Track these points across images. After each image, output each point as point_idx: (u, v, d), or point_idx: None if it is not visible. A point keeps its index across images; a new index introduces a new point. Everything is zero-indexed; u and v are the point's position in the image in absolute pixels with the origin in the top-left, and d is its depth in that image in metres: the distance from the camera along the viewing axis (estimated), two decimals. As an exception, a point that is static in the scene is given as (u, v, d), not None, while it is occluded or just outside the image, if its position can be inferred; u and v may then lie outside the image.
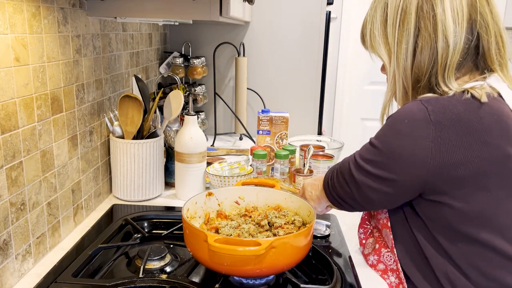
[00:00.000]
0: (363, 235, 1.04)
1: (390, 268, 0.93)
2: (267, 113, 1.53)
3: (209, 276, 0.92)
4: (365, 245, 1.03)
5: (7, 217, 0.83)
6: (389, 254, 0.94)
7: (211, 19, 1.03)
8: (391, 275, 0.92)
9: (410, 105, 0.82)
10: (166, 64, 1.86)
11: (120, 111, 1.24)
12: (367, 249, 1.01)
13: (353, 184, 0.88)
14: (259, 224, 0.97)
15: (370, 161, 0.85)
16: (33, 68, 0.89)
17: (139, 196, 1.27)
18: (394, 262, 0.92)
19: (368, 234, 1.04)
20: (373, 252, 0.98)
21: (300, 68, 1.98)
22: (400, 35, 0.88)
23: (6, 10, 0.80)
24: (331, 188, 0.95)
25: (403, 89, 0.91)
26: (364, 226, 1.05)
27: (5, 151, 0.82)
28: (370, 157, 0.86)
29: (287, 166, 1.40)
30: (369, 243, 1.02)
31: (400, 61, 0.89)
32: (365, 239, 1.04)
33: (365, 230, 1.05)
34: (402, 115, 0.82)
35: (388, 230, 0.92)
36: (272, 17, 1.94)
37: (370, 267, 0.98)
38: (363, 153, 0.88)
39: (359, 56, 2.84)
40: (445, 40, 0.84)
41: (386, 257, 0.94)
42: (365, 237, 1.04)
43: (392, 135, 0.83)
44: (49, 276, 0.89)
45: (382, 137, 0.85)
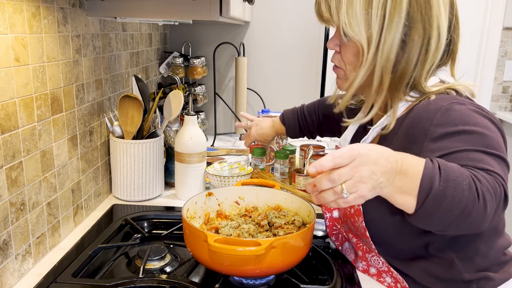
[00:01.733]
0: (337, 242, 1.02)
1: (382, 270, 0.92)
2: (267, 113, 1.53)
3: (209, 276, 0.92)
4: (343, 251, 1.01)
5: (7, 217, 0.83)
6: (376, 258, 0.92)
7: (211, 19, 1.03)
8: (386, 277, 0.91)
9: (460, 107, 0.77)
10: (166, 64, 1.86)
11: (120, 111, 1.24)
12: (349, 256, 1.00)
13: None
14: (259, 224, 0.97)
15: None
16: (33, 68, 0.89)
17: (139, 196, 1.27)
18: (383, 264, 0.90)
19: (340, 239, 1.02)
20: (359, 258, 0.96)
21: (300, 68, 1.98)
22: (389, 22, 0.80)
23: (6, 10, 0.80)
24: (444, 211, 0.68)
25: (378, 83, 0.84)
26: (334, 233, 1.02)
27: (5, 151, 0.82)
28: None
29: (287, 166, 1.40)
30: (346, 248, 1.00)
31: (384, 51, 0.81)
32: (340, 244, 1.02)
33: (336, 236, 1.02)
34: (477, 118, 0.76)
35: (368, 239, 0.89)
36: (272, 17, 1.94)
37: (363, 273, 0.95)
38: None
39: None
40: (438, 37, 0.82)
41: (374, 262, 0.93)
42: (339, 243, 1.02)
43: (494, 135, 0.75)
44: (49, 276, 0.89)
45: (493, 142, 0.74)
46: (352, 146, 0.66)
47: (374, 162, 0.65)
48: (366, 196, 0.67)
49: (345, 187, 0.65)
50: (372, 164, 0.65)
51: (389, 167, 0.66)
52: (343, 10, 0.80)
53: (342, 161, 0.65)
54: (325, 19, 0.86)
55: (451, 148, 0.73)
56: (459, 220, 0.67)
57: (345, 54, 0.87)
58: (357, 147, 0.66)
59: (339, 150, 0.66)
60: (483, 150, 0.72)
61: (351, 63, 0.87)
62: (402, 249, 0.88)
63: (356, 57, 0.85)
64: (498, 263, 0.87)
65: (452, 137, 0.74)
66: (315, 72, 1.98)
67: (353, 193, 0.66)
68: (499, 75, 2.77)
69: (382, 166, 0.66)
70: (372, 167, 0.65)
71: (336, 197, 0.66)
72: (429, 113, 0.78)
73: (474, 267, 0.84)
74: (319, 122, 1.30)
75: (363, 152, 0.65)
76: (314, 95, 2.00)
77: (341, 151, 0.65)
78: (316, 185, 0.68)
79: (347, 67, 0.88)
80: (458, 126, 0.75)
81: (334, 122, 1.25)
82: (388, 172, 0.66)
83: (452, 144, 0.74)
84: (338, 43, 0.88)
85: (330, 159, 0.65)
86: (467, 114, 0.76)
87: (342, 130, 1.08)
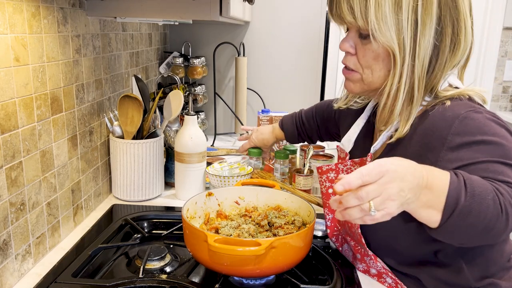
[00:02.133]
0: (337, 242, 1.02)
1: (382, 272, 0.91)
2: (267, 113, 1.53)
3: (209, 276, 0.92)
4: (343, 252, 1.01)
5: (7, 217, 0.83)
6: (373, 262, 0.91)
7: (211, 19, 1.03)
8: (386, 277, 0.91)
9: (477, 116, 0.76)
10: (166, 64, 1.86)
11: (120, 111, 1.24)
12: (348, 257, 0.99)
13: None
14: (259, 224, 0.97)
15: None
16: (33, 68, 0.89)
17: (139, 196, 1.27)
18: (383, 267, 0.90)
19: (340, 240, 1.02)
20: (358, 260, 0.96)
21: (300, 68, 1.98)
22: (423, 27, 0.78)
23: (6, 10, 0.80)
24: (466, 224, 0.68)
25: (408, 93, 0.82)
26: (335, 234, 1.02)
27: (4, 151, 0.82)
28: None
29: (287, 166, 1.40)
30: (345, 250, 1.00)
31: (420, 57, 0.79)
32: (340, 246, 1.02)
33: (336, 237, 1.02)
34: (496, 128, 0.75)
35: (364, 246, 0.89)
36: (272, 17, 1.94)
37: (363, 273, 0.95)
38: None
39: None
40: (465, 40, 0.80)
41: (372, 264, 0.92)
42: (339, 244, 1.02)
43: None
44: (49, 276, 0.89)
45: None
46: (380, 162, 0.64)
47: (402, 178, 0.64)
48: (394, 213, 0.65)
49: (373, 204, 0.63)
50: (400, 181, 0.63)
51: (416, 183, 0.65)
52: (372, 14, 0.77)
53: (370, 179, 0.63)
54: (345, 22, 0.82)
55: (470, 159, 0.73)
56: (482, 234, 0.68)
57: (363, 57, 0.84)
58: (385, 163, 0.64)
59: (366, 167, 0.63)
60: (502, 161, 0.71)
61: (370, 67, 0.84)
62: (409, 254, 0.88)
63: (379, 61, 0.82)
64: (504, 269, 0.86)
65: (471, 147, 0.73)
66: (315, 72, 1.98)
67: (380, 210, 0.64)
68: (499, 75, 2.77)
69: (409, 182, 0.64)
70: (400, 184, 0.63)
71: (363, 214, 0.64)
72: (446, 121, 0.77)
73: (481, 274, 0.83)
74: (317, 127, 1.30)
75: (391, 168, 0.63)
76: (314, 95, 2.00)
77: (369, 168, 0.63)
78: (342, 202, 0.65)
79: (364, 71, 0.85)
80: (476, 136, 0.74)
81: (332, 126, 1.25)
82: (415, 188, 0.65)
83: (471, 155, 0.73)
84: (353, 44, 0.85)
85: (358, 176, 0.62)
86: (484, 123, 0.75)
87: (341, 134, 1.08)
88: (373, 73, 0.84)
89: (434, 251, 0.84)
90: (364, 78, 0.86)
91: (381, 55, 0.81)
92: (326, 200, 1.01)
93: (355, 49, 0.85)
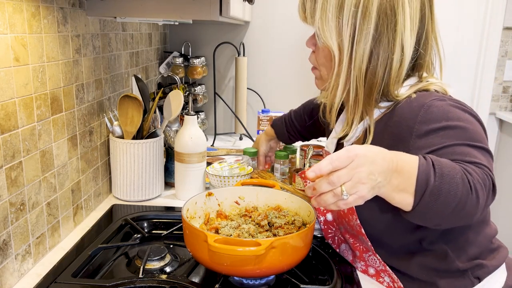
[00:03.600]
0: (333, 244, 1.03)
1: (380, 270, 0.92)
2: (267, 113, 1.53)
3: (209, 276, 0.92)
4: (341, 253, 1.01)
5: (7, 217, 0.83)
6: (373, 258, 0.92)
7: (211, 19, 1.03)
8: (384, 276, 0.91)
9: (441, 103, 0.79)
10: (166, 64, 1.86)
11: (120, 111, 1.24)
12: (347, 257, 1.00)
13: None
14: (259, 224, 0.97)
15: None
16: (32, 68, 0.89)
17: (139, 196, 1.27)
18: (380, 263, 0.91)
19: (337, 242, 1.02)
20: (357, 259, 0.96)
21: (300, 68, 1.98)
22: (359, 32, 0.82)
23: (5, 10, 0.80)
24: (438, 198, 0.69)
25: (354, 94, 0.86)
26: (330, 236, 1.03)
27: (4, 151, 0.82)
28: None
29: (288, 166, 1.40)
30: (344, 250, 1.01)
31: (356, 62, 0.83)
32: (337, 247, 1.02)
33: (332, 239, 1.03)
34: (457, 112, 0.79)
35: (364, 237, 0.90)
36: (272, 17, 1.94)
37: (362, 273, 0.96)
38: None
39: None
40: (401, 53, 0.83)
41: (371, 261, 0.93)
42: (336, 245, 1.02)
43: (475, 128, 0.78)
44: (48, 276, 0.89)
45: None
46: (349, 148, 0.67)
47: (372, 162, 0.66)
48: (366, 196, 0.68)
49: (345, 188, 0.66)
50: (370, 165, 0.66)
51: (386, 166, 0.67)
52: (317, 15, 0.84)
53: (340, 164, 0.65)
54: (301, 19, 0.91)
55: (438, 144, 0.76)
56: (454, 213, 0.69)
57: (318, 55, 0.91)
58: (354, 148, 0.67)
59: (336, 153, 0.66)
60: (468, 143, 0.75)
61: (323, 65, 0.90)
62: (397, 246, 0.89)
63: (328, 60, 0.88)
64: (488, 250, 0.89)
65: (437, 133, 0.77)
66: (315, 72, 1.98)
67: (353, 194, 0.66)
68: (499, 75, 2.77)
69: (379, 166, 0.67)
70: (370, 167, 0.66)
71: (336, 199, 0.67)
72: (413, 111, 0.81)
73: (466, 256, 0.86)
74: (305, 124, 1.32)
75: (360, 153, 0.66)
76: (314, 95, 1.99)
77: (339, 154, 0.66)
78: (315, 188, 0.68)
79: (320, 68, 0.92)
80: (441, 122, 0.77)
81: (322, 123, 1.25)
82: (385, 172, 0.67)
83: (438, 140, 0.76)
84: (314, 42, 0.91)
85: (328, 162, 0.66)
86: (448, 109, 0.79)
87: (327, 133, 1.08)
88: (326, 71, 0.91)
89: (419, 239, 0.86)
90: (322, 74, 0.93)
91: (328, 54, 0.87)
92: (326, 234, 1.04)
93: (315, 47, 0.92)
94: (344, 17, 0.82)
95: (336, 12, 0.82)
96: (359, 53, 0.82)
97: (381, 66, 0.83)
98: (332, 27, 0.83)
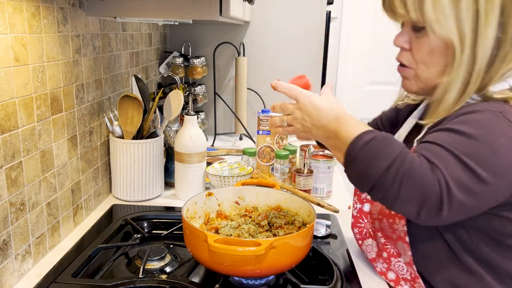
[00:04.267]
0: (359, 235, 0.99)
1: (403, 278, 0.87)
2: (267, 113, 1.53)
3: (209, 276, 0.92)
4: (364, 247, 0.98)
5: (7, 217, 0.83)
6: (402, 265, 0.87)
7: (211, 19, 1.03)
8: (404, 285, 0.87)
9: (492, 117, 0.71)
10: (166, 64, 1.86)
11: (120, 111, 1.24)
12: (369, 253, 0.96)
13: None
14: (259, 224, 0.97)
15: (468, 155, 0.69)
16: (32, 68, 0.89)
17: (139, 196, 1.27)
18: (410, 274, 0.86)
19: (364, 234, 0.98)
20: (381, 259, 0.92)
21: (300, 68, 1.98)
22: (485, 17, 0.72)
23: (5, 10, 0.80)
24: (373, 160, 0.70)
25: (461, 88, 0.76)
26: (358, 226, 0.99)
27: (4, 151, 0.82)
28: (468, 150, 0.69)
29: (287, 166, 1.40)
30: (368, 245, 0.97)
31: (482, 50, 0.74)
32: (362, 239, 0.98)
33: (360, 229, 0.99)
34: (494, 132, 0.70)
35: (406, 245, 0.84)
36: (272, 17, 1.94)
37: (379, 274, 0.92)
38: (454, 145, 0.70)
39: (359, 56, 2.84)
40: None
41: (398, 267, 0.88)
42: (361, 237, 0.99)
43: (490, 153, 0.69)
44: (48, 276, 0.89)
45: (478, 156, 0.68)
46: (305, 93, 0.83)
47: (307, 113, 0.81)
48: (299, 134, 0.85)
49: (286, 119, 0.86)
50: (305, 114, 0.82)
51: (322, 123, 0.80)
52: (428, 5, 0.74)
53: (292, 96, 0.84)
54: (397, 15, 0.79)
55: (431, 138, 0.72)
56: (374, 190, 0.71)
57: (418, 52, 0.80)
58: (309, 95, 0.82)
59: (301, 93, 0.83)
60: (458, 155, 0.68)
61: (424, 62, 0.80)
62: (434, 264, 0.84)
63: (438, 54, 0.78)
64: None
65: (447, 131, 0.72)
66: (316, 72, 1.98)
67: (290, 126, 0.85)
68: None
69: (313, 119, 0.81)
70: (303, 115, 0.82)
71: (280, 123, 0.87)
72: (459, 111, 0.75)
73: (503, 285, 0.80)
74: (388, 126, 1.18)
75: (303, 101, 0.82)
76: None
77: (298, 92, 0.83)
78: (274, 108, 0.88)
79: (419, 66, 0.82)
80: (463, 125, 0.71)
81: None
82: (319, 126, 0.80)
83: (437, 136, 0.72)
84: (407, 39, 0.82)
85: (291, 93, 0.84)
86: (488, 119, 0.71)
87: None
88: (429, 69, 0.80)
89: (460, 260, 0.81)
90: (419, 74, 0.82)
91: (438, 48, 0.77)
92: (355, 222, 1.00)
93: (410, 44, 0.82)
94: (463, 2, 0.73)
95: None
96: (485, 40, 0.74)
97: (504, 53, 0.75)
98: (450, 15, 0.73)
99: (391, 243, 0.90)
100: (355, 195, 0.99)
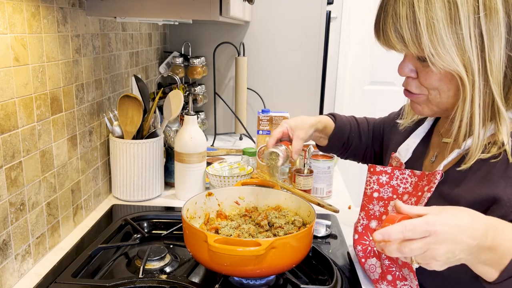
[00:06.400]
0: (362, 253, 0.93)
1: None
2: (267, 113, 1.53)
3: (209, 277, 0.92)
4: (367, 266, 0.92)
5: (7, 217, 0.83)
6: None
7: (211, 19, 1.03)
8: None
9: None
10: (166, 64, 1.86)
11: (120, 111, 1.23)
12: (372, 273, 0.91)
13: None
14: (259, 224, 0.97)
15: None
16: (32, 68, 0.89)
17: (138, 196, 1.27)
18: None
19: (368, 252, 0.92)
20: (385, 281, 0.87)
21: (300, 68, 1.98)
22: (489, 41, 0.67)
23: (5, 10, 0.80)
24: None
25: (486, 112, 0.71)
26: (363, 243, 0.93)
27: (4, 151, 0.81)
28: None
29: (288, 166, 1.40)
30: (371, 265, 0.91)
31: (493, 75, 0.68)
32: (365, 257, 0.93)
33: (364, 247, 0.93)
34: None
35: (412, 273, 0.79)
36: (272, 17, 1.94)
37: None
38: None
39: (359, 56, 2.84)
40: None
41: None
42: (364, 256, 0.93)
43: None
44: (48, 276, 0.88)
45: None
46: (429, 220, 0.58)
47: (454, 240, 0.58)
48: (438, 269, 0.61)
49: (415, 259, 0.60)
50: (451, 243, 0.58)
51: (474, 244, 0.59)
52: (425, 39, 0.68)
53: (413, 235, 0.58)
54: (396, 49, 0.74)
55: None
56: None
57: (426, 80, 0.75)
58: (435, 222, 0.58)
59: (412, 221, 0.58)
60: None
61: (435, 88, 0.75)
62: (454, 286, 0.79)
63: (447, 82, 0.73)
64: None
65: None
66: (316, 71, 1.98)
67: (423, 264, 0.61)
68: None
69: (463, 244, 0.59)
70: (450, 246, 0.58)
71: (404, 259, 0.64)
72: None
73: None
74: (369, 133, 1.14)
75: (441, 230, 0.57)
76: (314, 95, 2.00)
77: (415, 224, 0.58)
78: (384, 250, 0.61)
79: (430, 92, 0.76)
80: None
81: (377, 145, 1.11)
82: (471, 249, 0.59)
83: None
84: (413, 68, 0.77)
85: (400, 230, 0.58)
86: None
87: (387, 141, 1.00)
88: (441, 94, 0.75)
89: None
90: (431, 99, 0.77)
91: (447, 76, 0.72)
92: (367, 203, 0.91)
93: (416, 72, 0.77)
94: (464, 29, 0.67)
95: (451, 28, 0.68)
96: (495, 65, 0.69)
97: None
98: (451, 46, 0.68)
99: (395, 266, 0.85)
100: (362, 210, 0.93)
